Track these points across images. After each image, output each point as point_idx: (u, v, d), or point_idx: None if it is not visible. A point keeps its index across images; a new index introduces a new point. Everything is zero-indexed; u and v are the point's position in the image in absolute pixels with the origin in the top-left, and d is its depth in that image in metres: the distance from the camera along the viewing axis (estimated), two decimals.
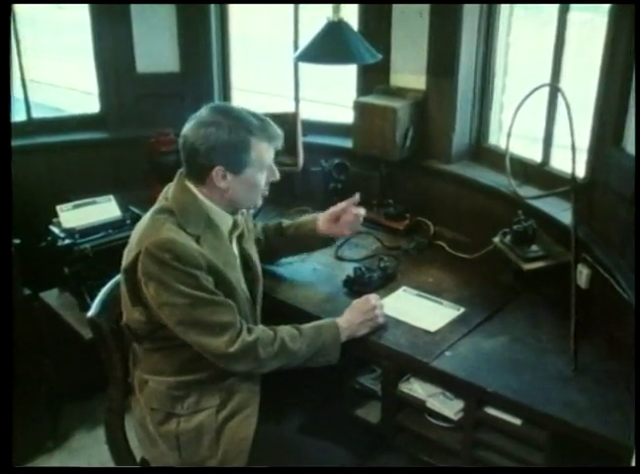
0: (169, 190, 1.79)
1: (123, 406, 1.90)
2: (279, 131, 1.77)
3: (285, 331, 1.79)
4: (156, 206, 1.77)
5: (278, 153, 1.82)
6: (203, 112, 1.73)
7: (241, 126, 1.70)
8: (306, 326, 1.83)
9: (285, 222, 2.24)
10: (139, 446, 1.89)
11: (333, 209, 2.16)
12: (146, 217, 1.75)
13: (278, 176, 1.83)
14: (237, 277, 1.82)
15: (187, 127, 1.72)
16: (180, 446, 1.77)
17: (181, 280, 1.64)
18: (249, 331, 1.73)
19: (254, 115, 1.75)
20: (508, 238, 2.18)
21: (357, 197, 2.15)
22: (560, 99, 2.18)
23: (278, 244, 2.21)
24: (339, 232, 2.18)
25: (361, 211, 2.16)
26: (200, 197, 1.75)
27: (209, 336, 1.68)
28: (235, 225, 1.88)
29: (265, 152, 1.75)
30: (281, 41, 3.60)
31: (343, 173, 2.62)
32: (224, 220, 1.82)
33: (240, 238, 1.92)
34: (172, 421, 1.78)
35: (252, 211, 2.07)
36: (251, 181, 1.76)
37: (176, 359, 1.77)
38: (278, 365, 1.76)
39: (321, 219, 2.17)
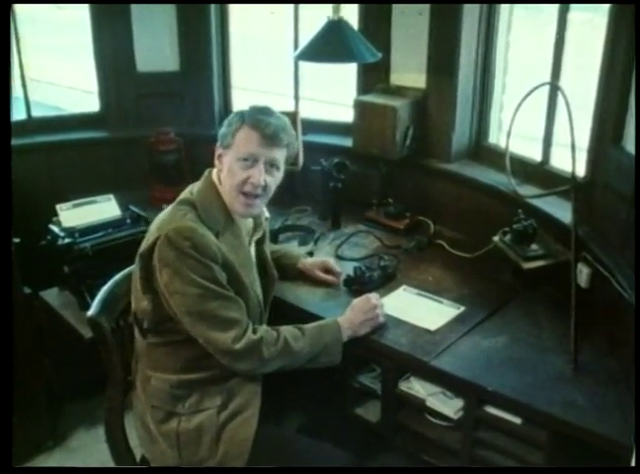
0: (195, 185, 1.82)
1: (123, 405, 1.90)
2: (269, 121, 1.72)
3: (288, 331, 1.79)
4: (179, 198, 1.79)
5: None
6: None
7: (241, 112, 1.78)
8: (308, 326, 1.83)
9: (271, 246, 2.20)
10: (139, 444, 1.89)
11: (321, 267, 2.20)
12: (169, 208, 1.78)
13: (256, 181, 1.72)
14: (252, 279, 1.82)
15: None
16: (180, 446, 1.77)
17: (195, 270, 1.65)
18: (254, 330, 1.73)
19: (264, 110, 1.78)
20: (508, 237, 2.18)
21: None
22: (560, 98, 2.18)
23: None
24: (323, 278, 2.18)
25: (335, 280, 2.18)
26: (223, 195, 1.77)
27: (216, 330, 1.68)
28: (256, 229, 1.89)
29: (243, 139, 1.73)
30: (281, 41, 3.60)
31: (343, 172, 2.61)
32: (244, 222, 1.84)
33: (259, 242, 1.93)
34: (172, 420, 1.78)
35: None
36: (229, 165, 1.75)
37: (180, 357, 1.78)
38: (280, 365, 1.76)
39: (310, 261, 2.22)
